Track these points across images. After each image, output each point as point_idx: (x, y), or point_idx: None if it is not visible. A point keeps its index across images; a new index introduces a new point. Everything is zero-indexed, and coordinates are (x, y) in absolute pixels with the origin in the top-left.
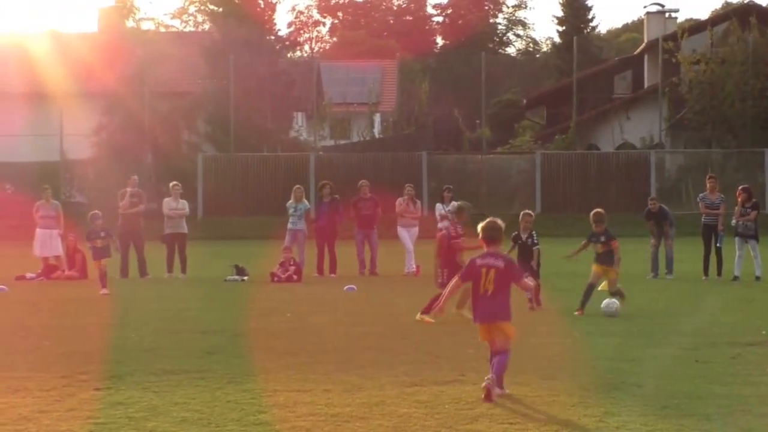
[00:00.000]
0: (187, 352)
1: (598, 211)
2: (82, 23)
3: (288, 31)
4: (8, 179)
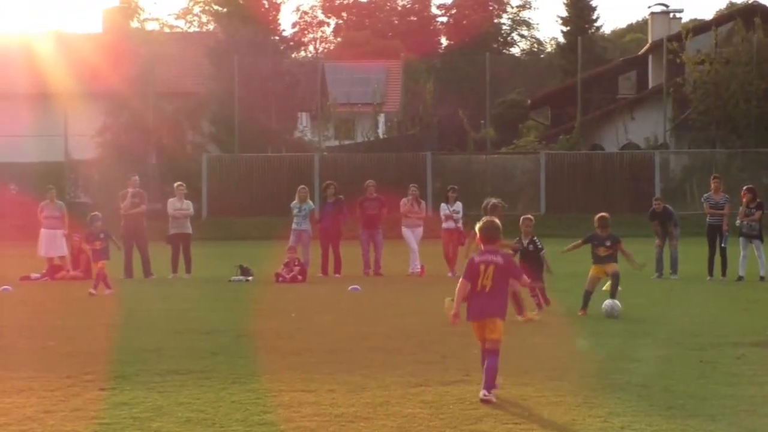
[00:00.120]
0: (192, 352)
1: (604, 215)
2: (86, 24)
3: (292, 31)
4: (13, 179)
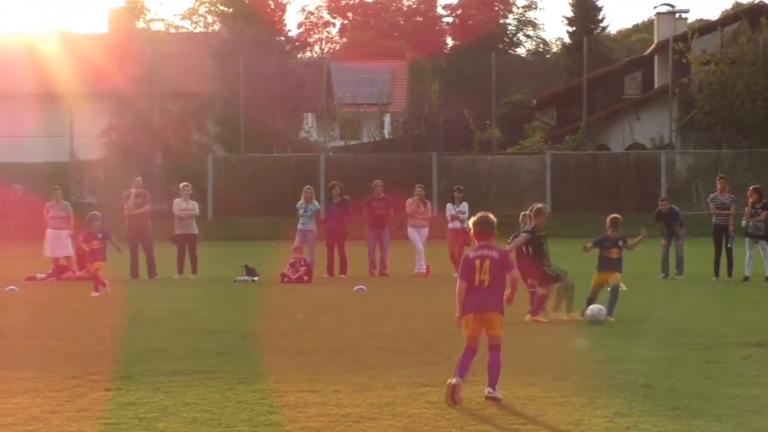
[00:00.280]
0: (198, 352)
1: (617, 216)
2: (92, 24)
3: (298, 31)
4: (19, 180)
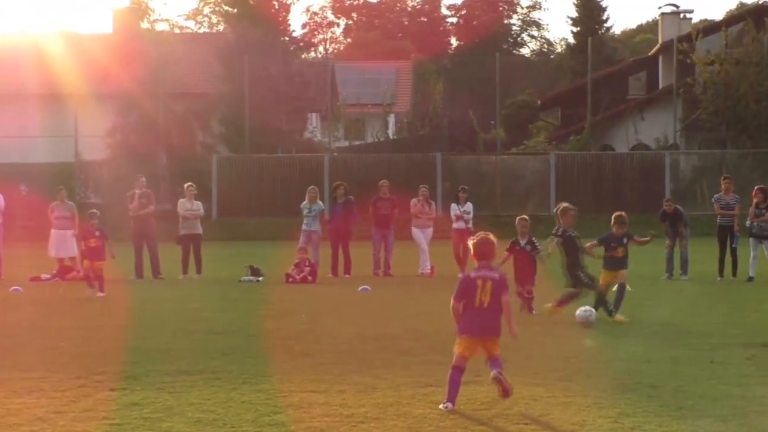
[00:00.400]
0: (202, 352)
1: (622, 214)
2: (96, 24)
3: (302, 32)
4: (23, 180)
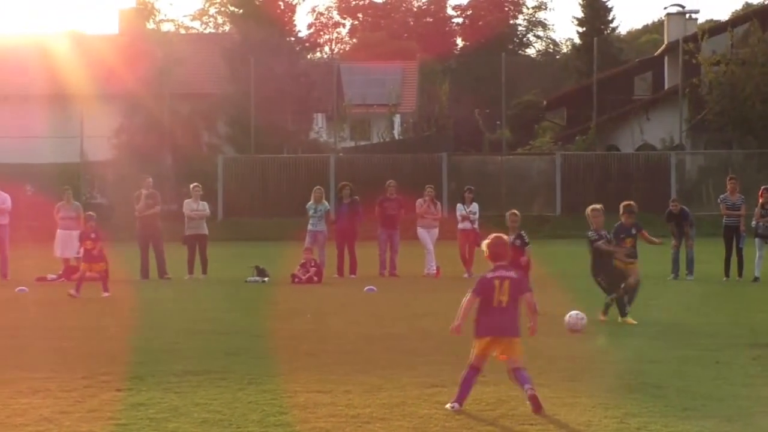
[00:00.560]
0: (208, 353)
1: (630, 203)
2: (102, 25)
3: (308, 32)
4: (29, 180)
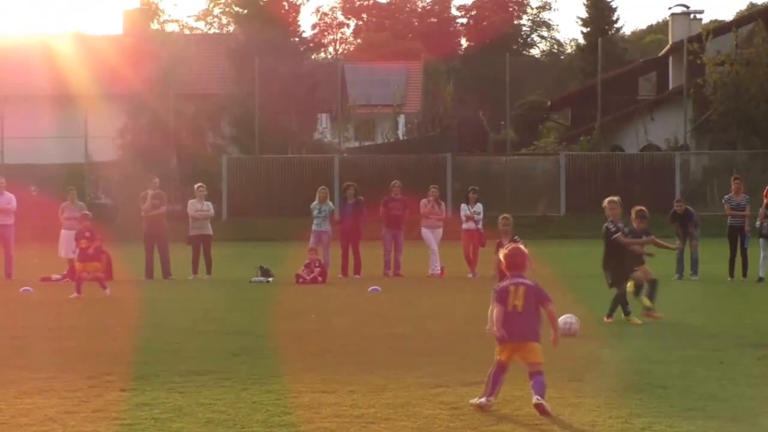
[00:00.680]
0: (213, 353)
1: (643, 208)
2: (106, 25)
3: (312, 32)
4: (33, 181)
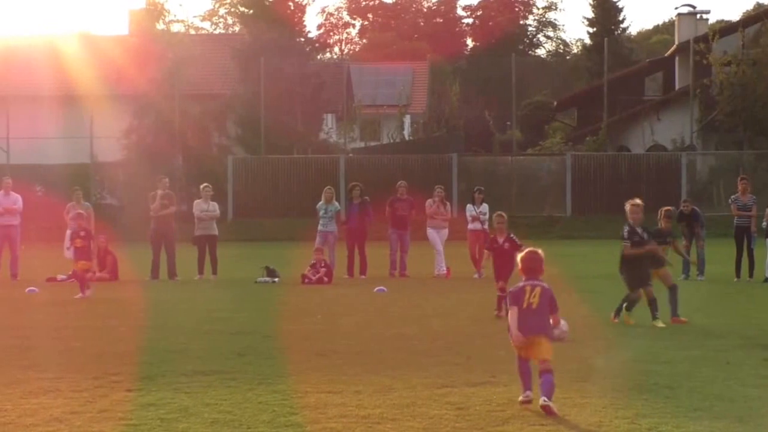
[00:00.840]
0: (218, 353)
1: (670, 208)
2: (112, 26)
3: (318, 33)
4: (39, 181)
